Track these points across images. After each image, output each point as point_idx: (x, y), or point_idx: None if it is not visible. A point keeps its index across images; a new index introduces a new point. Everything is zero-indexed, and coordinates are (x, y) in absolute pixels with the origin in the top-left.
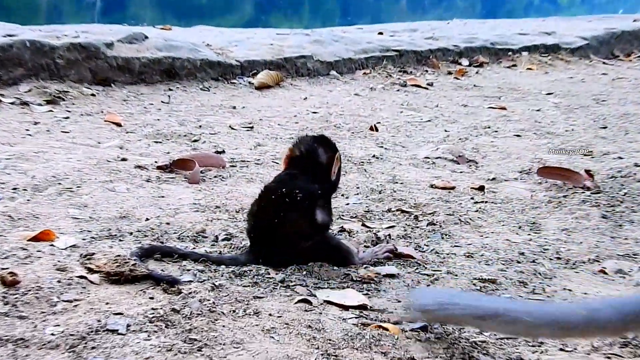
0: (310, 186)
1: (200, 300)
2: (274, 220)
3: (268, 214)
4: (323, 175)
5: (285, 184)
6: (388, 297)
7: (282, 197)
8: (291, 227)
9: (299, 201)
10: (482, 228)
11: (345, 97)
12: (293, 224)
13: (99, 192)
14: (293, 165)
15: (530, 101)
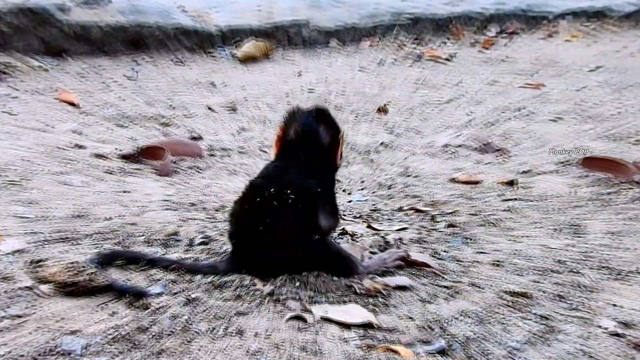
0: (307, 182)
1: (172, 316)
2: (262, 225)
3: (254, 218)
4: (324, 161)
5: (275, 180)
6: (399, 314)
7: (271, 199)
8: (283, 232)
9: (292, 204)
10: (513, 231)
11: (348, 73)
12: (285, 229)
13: (51, 185)
14: (286, 150)
15: (571, 78)
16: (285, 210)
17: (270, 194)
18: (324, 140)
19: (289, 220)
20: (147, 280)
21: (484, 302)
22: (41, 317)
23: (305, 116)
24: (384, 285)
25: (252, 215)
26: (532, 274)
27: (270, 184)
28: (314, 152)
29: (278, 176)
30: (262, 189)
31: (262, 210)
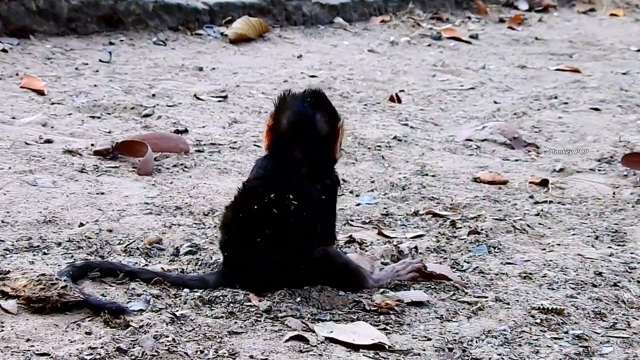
0: (310, 187)
1: (155, 336)
2: (258, 234)
3: (249, 226)
4: (323, 154)
5: (273, 182)
6: (414, 333)
7: (270, 206)
8: (281, 242)
9: (294, 212)
10: (545, 238)
11: (356, 55)
12: (284, 239)
13: (15, 186)
14: (279, 143)
15: (615, 60)
16: (284, 218)
17: (270, 201)
18: (321, 131)
19: (289, 229)
20: (127, 295)
21: (511, 320)
22: (5, 337)
23: (299, 102)
24: (397, 300)
25: (246, 223)
26: (566, 288)
27: (268, 187)
28: (311, 145)
29: (275, 178)
30: (258, 194)
31: (258, 218)
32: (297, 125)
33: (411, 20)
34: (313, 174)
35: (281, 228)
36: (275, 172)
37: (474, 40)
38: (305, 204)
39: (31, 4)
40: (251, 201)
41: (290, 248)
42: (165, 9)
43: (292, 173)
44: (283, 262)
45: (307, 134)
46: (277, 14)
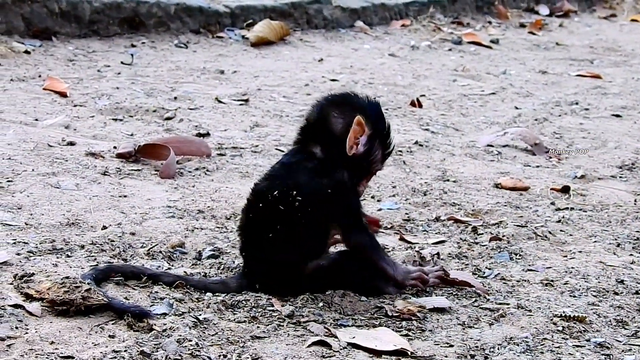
0: (315, 181)
1: (178, 340)
2: (267, 235)
3: (260, 228)
4: (338, 150)
5: (278, 181)
6: (436, 340)
7: (274, 203)
8: (294, 243)
9: (299, 207)
10: (567, 245)
11: (377, 59)
12: (295, 238)
13: (38, 188)
14: (304, 140)
15: (635, 66)
16: (290, 216)
17: (274, 199)
18: (333, 125)
19: (299, 228)
20: (150, 298)
21: (533, 328)
22: (30, 340)
23: (324, 99)
24: (419, 306)
25: (257, 224)
26: (588, 295)
27: (272, 186)
28: (325, 140)
29: (281, 176)
30: (264, 193)
31: (266, 218)
32: (311, 119)
33: (432, 25)
34: (322, 168)
35: (289, 226)
36: (283, 169)
37: (495, 45)
38: (310, 200)
39: (54, 5)
40: (258, 201)
41: (300, 247)
42: (187, 11)
43: (299, 169)
44: (296, 262)
45: (320, 128)
46: (298, 18)
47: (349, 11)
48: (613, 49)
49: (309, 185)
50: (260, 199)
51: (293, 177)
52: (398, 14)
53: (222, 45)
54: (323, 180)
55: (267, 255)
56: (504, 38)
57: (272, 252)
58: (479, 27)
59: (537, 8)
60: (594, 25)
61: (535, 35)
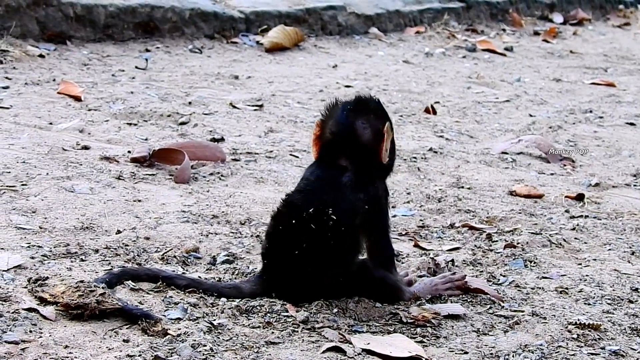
0: (352, 197)
1: (193, 345)
2: (297, 248)
3: (289, 239)
4: (368, 161)
5: (313, 197)
6: (450, 346)
7: (310, 219)
8: (321, 255)
9: (335, 223)
10: (581, 253)
11: (391, 65)
12: (324, 252)
13: (53, 192)
14: (325, 152)
15: None
16: (324, 233)
17: (310, 215)
18: (363, 137)
19: (329, 242)
20: (164, 303)
21: (548, 335)
22: (44, 344)
23: (341, 108)
24: (434, 313)
25: (287, 235)
26: (603, 303)
27: (308, 201)
28: (354, 152)
29: (316, 191)
30: (299, 207)
31: (298, 231)
32: (338, 132)
33: (446, 32)
34: (357, 182)
35: (321, 241)
36: (318, 183)
37: (509, 53)
38: (346, 216)
39: (69, 9)
40: (291, 215)
41: (329, 260)
42: (202, 16)
43: (334, 184)
44: (321, 274)
45: (349, 141)
46: (313, 24)
47: (363, 18)
48: (627, 57)
49: (346, 202)
50: (294, 212)
51: (329, 193)
52: (412, 20)
53: (236, 50)
54: (360, 195)
55: (294, 265)
56: (518, 46)
57: (300, 262)
58: (493, 34)
59: (551, 16)
60: (608, 34)
61: (549, 43)
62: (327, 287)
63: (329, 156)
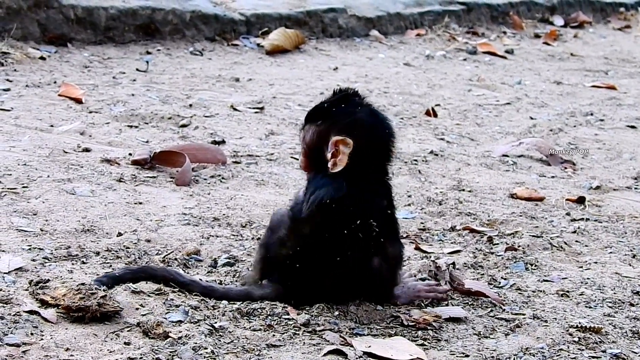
0: (380, 203)
1: (194, 348)
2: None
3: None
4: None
5: (352, 205)
6: (451, 349)
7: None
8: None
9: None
10: (582, 256)
11: (392, 68)
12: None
13: (54, 194)
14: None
15: None
16: (359, 236)
17: (355, 225)
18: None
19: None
20: (165, 305)
21: (549, 338)
22: (45, 346)
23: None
24: (435, 316)
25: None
26: (604, 306)
27: (346, 209)
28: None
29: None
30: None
31: (337, 238)
32: (374, 141)
33: (447, 34)
34: (380, 190)
35: (353, 244)
36: (354, 192)
37: (510, 55)
38: (378, 222)
39: (69, 12)
40: (326, 220)
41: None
42: (202, 19)
43: (366, 193)
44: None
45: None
46: (313, 26)
47: (364, 20)
48: (628, 60)
49: (377, 209)
50: (329, 218)
51: (363, 200)
52: (413, 23)
53: (237, 53)
54: (383, 202)
55: (320, 269)
56: (519, 48)
57: (327, 266)
58: (494, 37)
59: (552, 19)
60: (609, 37)
61: (550, 45)
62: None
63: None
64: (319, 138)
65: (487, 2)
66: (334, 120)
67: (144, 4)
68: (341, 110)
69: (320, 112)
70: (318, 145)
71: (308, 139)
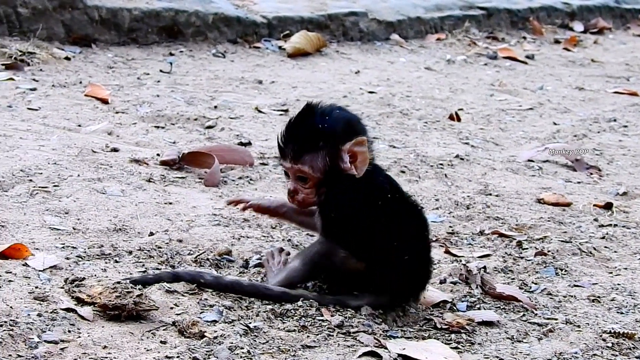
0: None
1: (230, 347)
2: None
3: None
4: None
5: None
6: (485, 353)
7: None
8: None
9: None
10: (612, 262)
11: (413, 72)
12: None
13: (84, 193)
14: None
15: None
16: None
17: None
18: None
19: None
20: (199, 305)
21: (582, 343)
22: (83, 344)
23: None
24: (468, 319)
25: None
26: (635, 312)
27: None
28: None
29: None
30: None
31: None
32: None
33: (467, 39)
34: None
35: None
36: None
37: (530, 61)
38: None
39: (94, 13)
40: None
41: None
42: (225, 21)
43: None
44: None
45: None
46: (335, 29)
47: (384, 24)
48: None
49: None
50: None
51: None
52: (433, 27)
53: (259, 55)
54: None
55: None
56: (539, 54)
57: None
58: (514, 42)
59: (572, 24)
60: (629, 43)
61: (570, 51)
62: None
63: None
64: (330, 157)
65: (507, 8)
66: (329, 133)
67: (167, 5)
68: (322, 122)
69: (309, 137)
70: (332, 165)
71: (320, 166)
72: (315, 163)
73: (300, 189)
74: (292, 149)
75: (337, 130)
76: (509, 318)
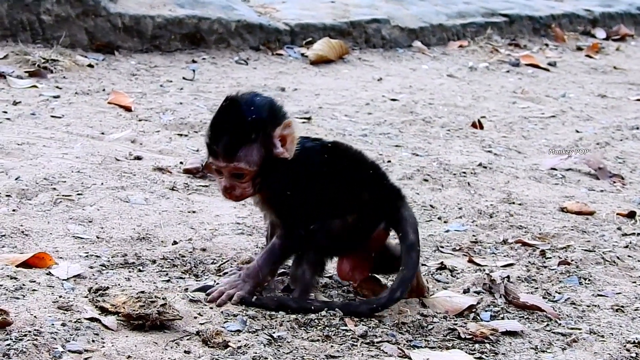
0: None
1: (254, 357)
2: None
3: None
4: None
5: None
6: None
7: None
8: None
9: None
10: (635, 271)
11: (435, 79)
12: None
13: (108, 202)
14: None
15: None
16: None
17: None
18: None
19: None
20: (223, 315)
21: (606, 353)
22: (107, 354)
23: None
24: (492, 329)
25: None
26: None
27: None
28: None
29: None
30: None
31: None
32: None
33: (489, 46)
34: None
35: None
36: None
37: (552, 68)
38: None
39: (117, 20)
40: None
41: None
42: (247, 28)
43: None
44: None
45: None
46: (357, 37)
47: (407, 31)
48: None
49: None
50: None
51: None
52: (455, 34)
53: (281, 62)
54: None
55: None
56: (562, 61)
57: None
58: (536, 49)
59: (594, 31)
60: None
61: (592, 58)
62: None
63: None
64: (265, 146)
65: (529, 15)
66: (259, 123)
67: (190, 13)
68: (249, 113)
69: (240, 131)
70: (267, 154)
71: (255, 159)
72: (251, 157)
73: (237, 185)
74: (224, 146)
75: (265, 117)
76: (532, 328)
